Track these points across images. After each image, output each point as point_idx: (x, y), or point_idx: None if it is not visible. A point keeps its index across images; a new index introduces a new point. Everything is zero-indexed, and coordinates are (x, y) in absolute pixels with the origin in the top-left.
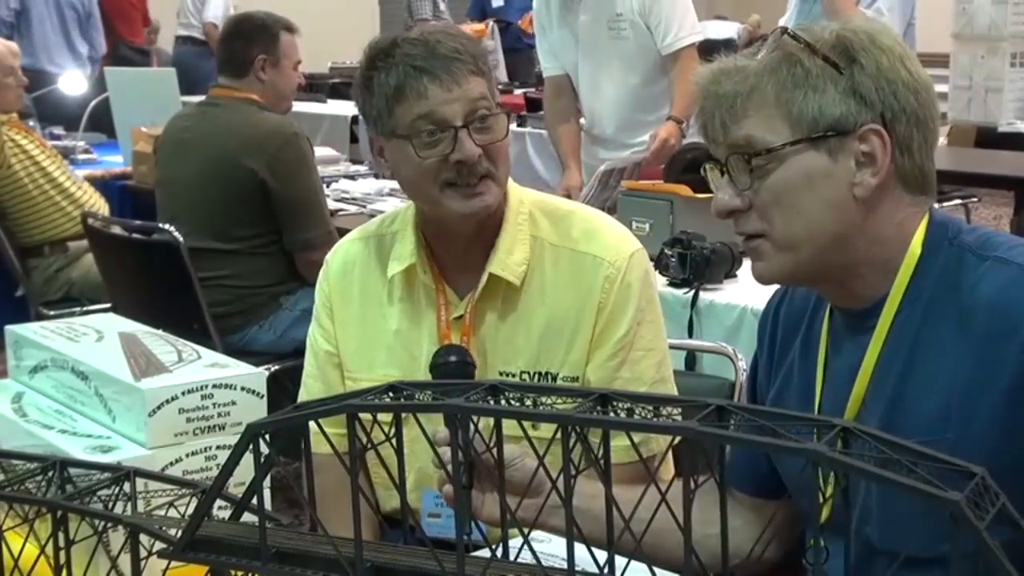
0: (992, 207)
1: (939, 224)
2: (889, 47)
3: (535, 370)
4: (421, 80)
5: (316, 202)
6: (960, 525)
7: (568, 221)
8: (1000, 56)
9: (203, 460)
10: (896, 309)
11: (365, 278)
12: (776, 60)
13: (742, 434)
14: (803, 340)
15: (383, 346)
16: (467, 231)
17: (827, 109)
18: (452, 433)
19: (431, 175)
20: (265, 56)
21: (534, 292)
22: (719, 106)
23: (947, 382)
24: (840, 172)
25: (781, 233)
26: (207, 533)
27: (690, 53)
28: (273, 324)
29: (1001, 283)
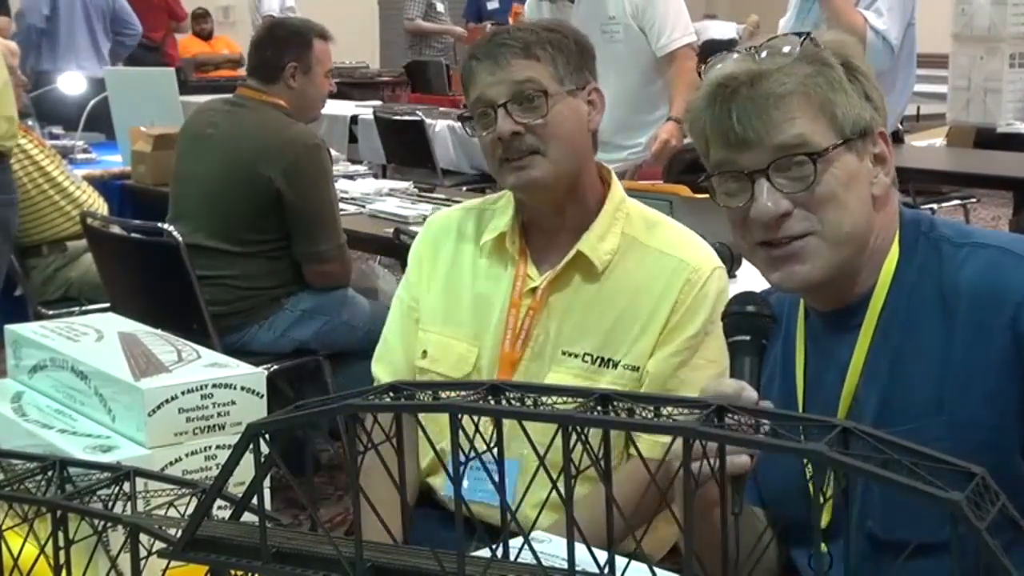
0: (991, 208)
1: (911, 221)
2: (860, 53)
3: (598, 354)
4: (474, 66)
5: (330, 214)
6: (961, 525)
7: (662, 227)
8: (999, 57)
9: (203, 460)
10: (881, 306)
11: (459, 242)
12: (812, 64)
13: (742, 434)
14: (781, 344)
15: (460, 305)
16: (550, 210)
17: (854, 113)
18: (452, 433)
19: (490, 152)
20: (296, 64)
21: (614, 282)
22: (759, 108)
23: (938, 368)
24: (864, 172)
25: (833, 230)
26: (207, 533)
27: (685, 53)
28: (273, 324)
29: (981, 265)
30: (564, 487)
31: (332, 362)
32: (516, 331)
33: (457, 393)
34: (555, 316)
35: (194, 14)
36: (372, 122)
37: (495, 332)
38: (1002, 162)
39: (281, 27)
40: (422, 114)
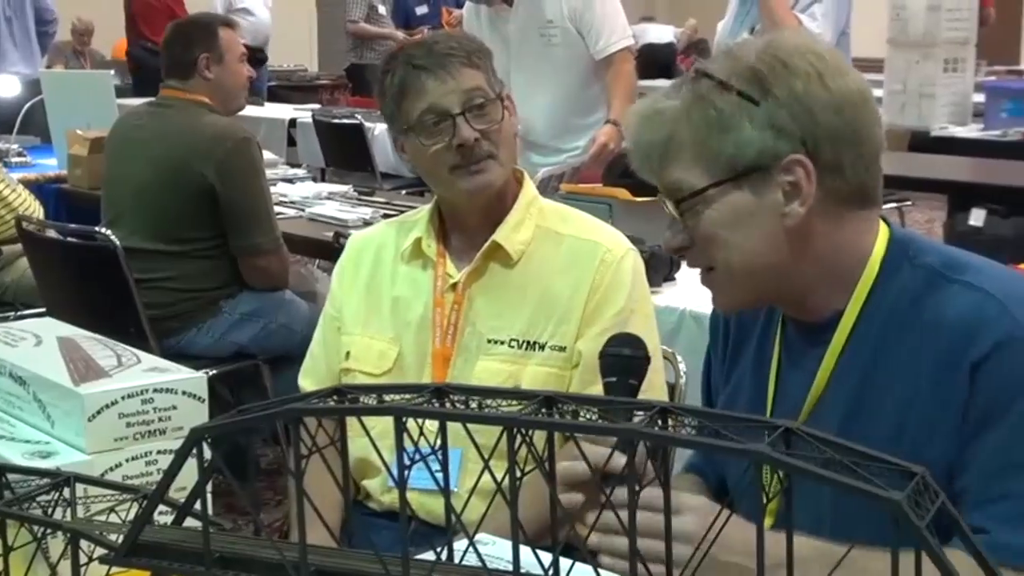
0: (925, 211)
1: (899, 242)
2: (803, 69)
3: (524, 339)
4: (419, 77)
5: (264, 208)
6: (901, 524)
7: (575, 218)
8: (934, 62)
9: (143, 465)
10: (853, 324)
11: (380, 252)
12: (688, 103)
13: (685, 435)
14: (756, 348)
15: (381, 309)
16: (480, 211)
17: (744, 148)
18: (397, 436)
19: (439, 161)
20: (207, 54)
21: (531, 269)
22: (645, 156)
23: (904, 400)
24: (767, 206)
25: (724, 268)
26: (149, 538)
27: (623, 56)
28: (212, 327)
29: (965, 306)
30: (509, 489)
31: (271, 366)
32: (444, 328)
33: (401, 396)
34: (477, 308)
35: None
36: (311, 125)
37: (416, 331)
38: (936, 165)
39: (185, 24)
40: (361, 117)
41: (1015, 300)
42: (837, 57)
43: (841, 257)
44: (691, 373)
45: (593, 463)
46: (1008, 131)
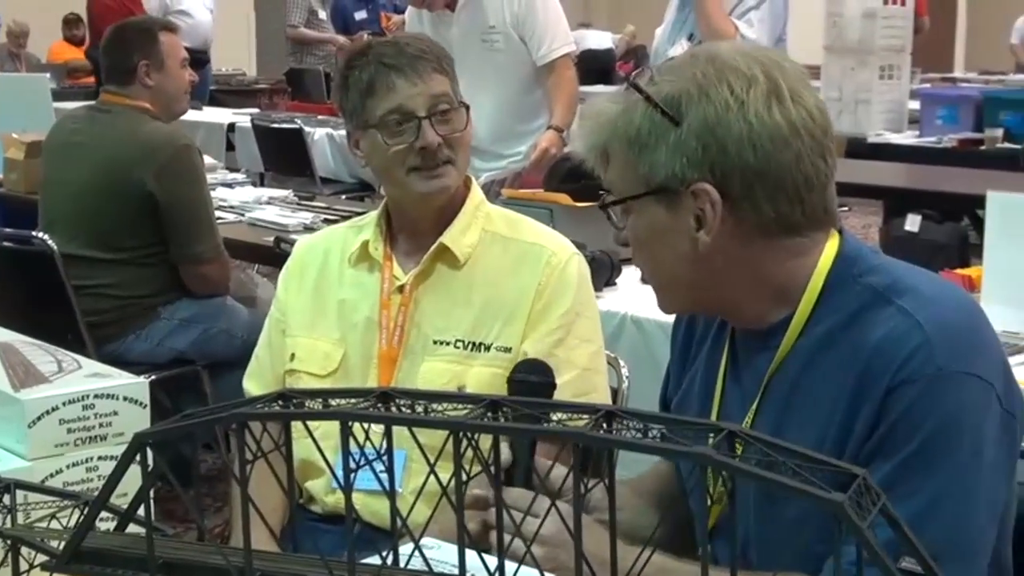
0: (862, 216)
1: (847, 259)
2: (723, 98)
3: (469, 339)
4: (390, 76)
5: (205, 215)
6: (843, 525)
7: (522, 223)
8: (869, 69)
9: (84, 471)
10: (797, 335)
11: (327, 257)
12: (616, 114)
13: (630, 439)
14: (708, 352)
15: (328, 311)
16: (429, 214)
17: (656, 168)
18: (343, 440)
19: (398, 161)
20: (148, 61)
21: (477, 272)
22: (588, 156)
23: (826, 414)
24: (681, 227)
25: (647, 274)
26: (92, 544)
27: (565, 63)
28: (150, 333)
29: (892, 331)
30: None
31: (210, 372)
32: (391, 330)
33: (347, 401)
34: (423, 309)
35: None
36: (250, 130)
37: (362, 332)
38: (872, 171)
39: (124, 28)
40: (301, 122)
41: (942, 337)
42: (791, 79)
43: (770, 279)
44: (633, 377)
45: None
46: (943, 138)
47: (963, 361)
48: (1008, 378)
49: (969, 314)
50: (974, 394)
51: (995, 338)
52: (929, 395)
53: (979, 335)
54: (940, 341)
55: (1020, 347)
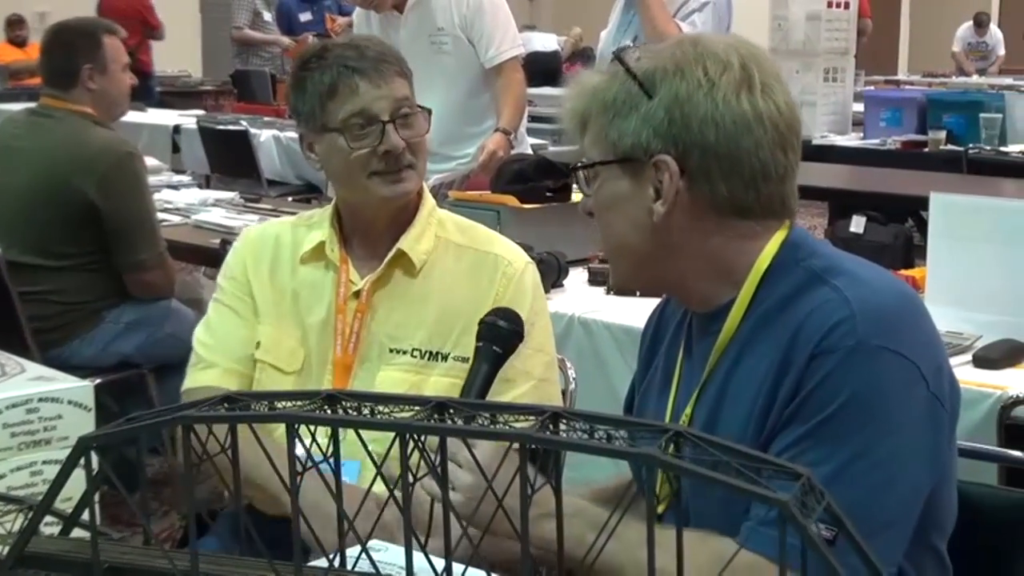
0: (807, 218)
1: (791, 244)
2: (696, 77)
3: (427, 348)
4: (353, 78)
5: (148, 223)
6: (788, 524)
7: (473, 230)
8: (814, 71)
9: (28, 476)
10: (740, 318)
11: (277, 248)
12: (599, 81)
13: (576, 440)
14: (669, 343)
15: (286, 305)
16: (385, 218)
17: (624, 136)
18: (289, 443)
19: (360, 165)
20: (91, 65)
21: (433, 280)
22: (567, 122)
23: (756, 388)
24: (640, 197)
25: (603, 244)
26: (36, 549)
27: (513, 65)
28: (95, 338)
29: (822, 307)
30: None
31: (157, 375)
32: (346, 336)
33: (293, 403)
34: (379, 316)
35: (8, 20)
36: (195, 132)
37: (319, 335)
38: (818, 173)
39: (67, 31)
40: (247, 123)
41: (866, 313)
42: (765, 74)
43: (718, 259)
44: (580, 378)
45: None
46: (887, 140)
47: (885, 337)
48: (941, 368)
49: (902, 299)
50: (894, 370)
51: (932, 329)
52: (846, 365)
53: (909, 319)
54: (864, 316)
55: (963, 347)
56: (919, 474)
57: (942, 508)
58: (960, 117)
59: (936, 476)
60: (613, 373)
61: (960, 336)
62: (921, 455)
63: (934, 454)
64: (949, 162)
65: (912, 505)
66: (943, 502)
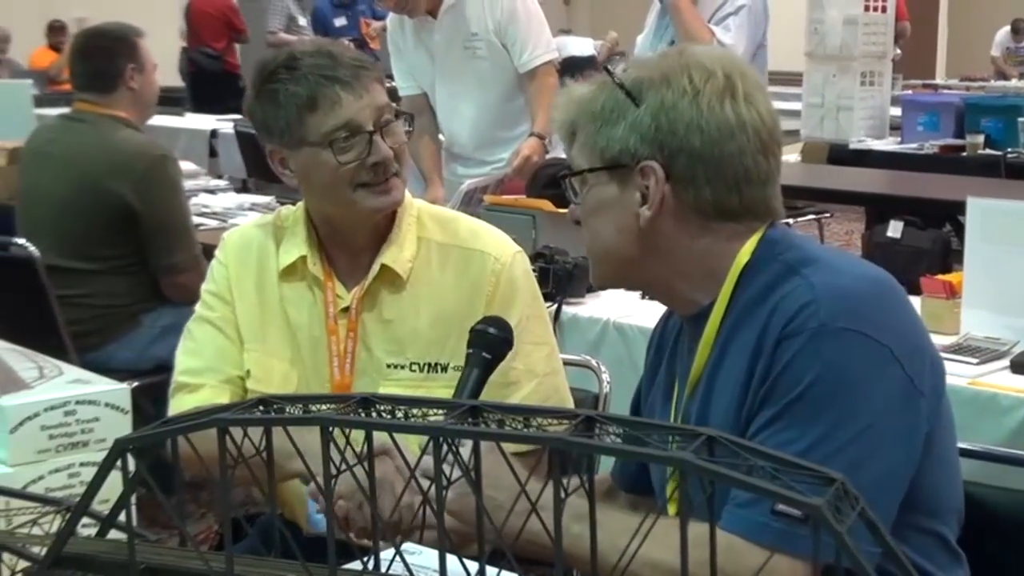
0: (844, 222)
1: (769, 241)
2: (681, 85)
3: (425, 361)
4: (334, 88)
5: (183, 225)
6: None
7: (454, 223)
8: (851, 75)
9: (66, 477)
10: (721, 317)
11: (262, 259)
12: (586, 92)
13: (610, 444)
14: (672, 349)
15: (275, 325)
16: (367, 229)
17: (612, 143)
18: (324, 446)
19: (346, 178)
20: (133, 64)
21: (421, 287)
22: (559, 133)
23: (735, 378)
24: (627, 202)
25: (588, 248)
26: (73, 550)
27: (547, 70)
28: (132, 342)
29: (791, 295)
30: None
31: None
32: (341, 356)
33: (327, 406)
34: (371, 332)
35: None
36: (233, 136)
37: (312, 355)
38: (854, 178)
39: (103, 35)
40: None
41: (830, 297)
42: (748, 84)
43: (701, 261)
44: (615, 383)
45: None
46: (924, 144)
47: (849, 319)
48: (918, 351)
49: (871, 283)
50: (861, 351)
51: (907, 313)
52: (810, 347)
53: (877, 302)
54: (827, 300)
55: (1001, 352)
56: (894, 455)
57: (936, 493)
58: (998, 121)
59: (916, 458)
60: None
61: (998, 341)
62: (896, 436)
63: (912, 436)
64: (987, 166)
65: (887, 487)
66: (936, 487)
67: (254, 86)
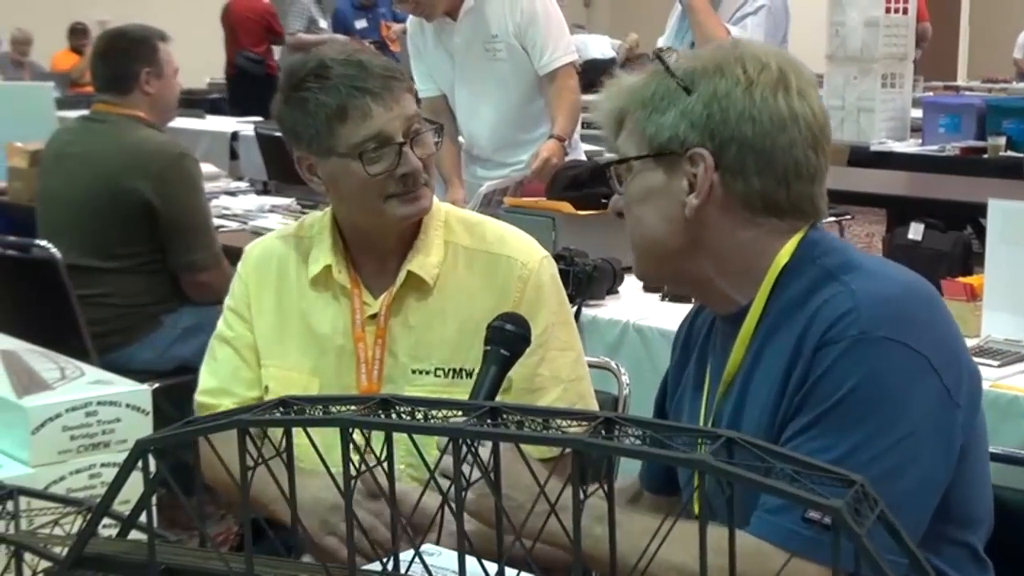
0: (865, 224)
1: (809, 242)
2: (735, 74)
3: (450, 366)
4: (364, 99)
5: (203, 223)
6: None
7: (481, 227)
8: (872, 77)
9: (87, 478)
10: (758, 318)
11: (282, 273)
12: (636, 80)
13: (629, 446)
14: (700, 348)
15: (294, 336)
16: (395, 236)
17: (662, 130)
18: (344, 447)
19: (377, 189)
20: (149, 69)
21: (448, 293)
22: (603, 122)
23: (772, 382)
24: (674, 190)
25: (630, 238)
26: (94, 551)
27: (567, 72)
28: (153, 342)
29: (831, 301)
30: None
31: None
32: (369, 363)
33: (347, 407)
34: (398, 338)
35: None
36: (253, 138)
37: (336, 363)
38: (875, 180)
39: (123, 37)
40: None
41: (871, 305)
42: (801, 79)
43: (742, 255)
44: (634, 385)
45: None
46: (945, 146)
47: (889, 328)
48: (956, 362)
49: (912, 292)
50: (899, 360)
51: (947, 323)
52: (850, 355)
53: (919, 313)
54: (868, 308)
55: (1022, 355)
56: (931, 465)
57: (969, 504)
58: (1020, 123)
59: (950, 469)
60: None
61: (1018, 344)
62: (933, 446)
63: (947, 447)
64: (1008, 168)
65: (922, 496)
66: (968, 498)
67: (283, 92)
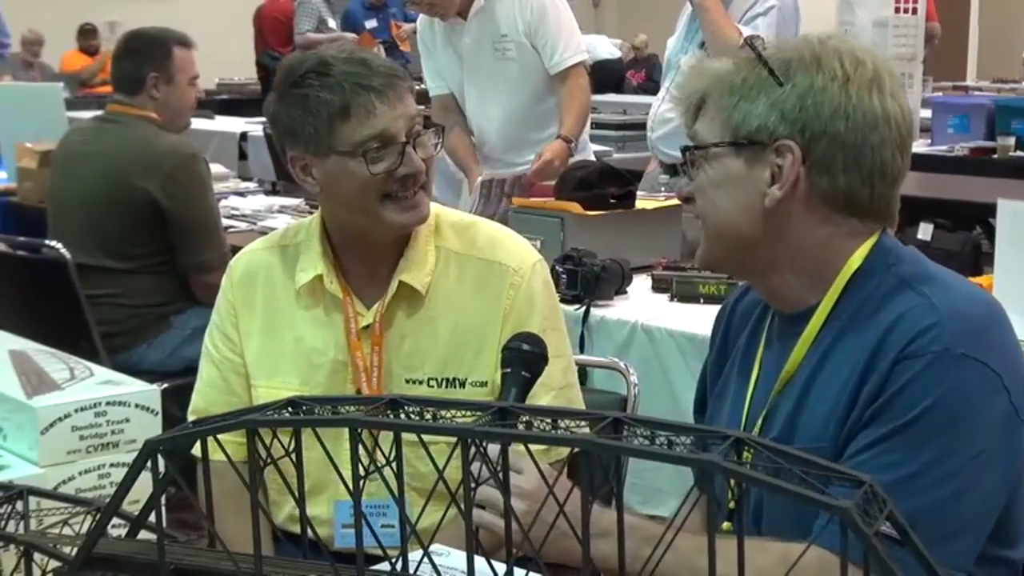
0: None
1: (883, 248)
2: (833, 69)
3: (443, 376)
4: (368, 97)
5: (212, 224)
6: (850, 532)
7: (472, 231)
8: None
9: (96, 478)
10: (824, 321)
11: (269, 286)
12: (727, 66)
13: (637, 446)
14: (747, 338)
15: (285, 353)
16: (387, 243)
17: (750, 119)
18: (352, 448)
19: (374, 189)
20: (157, 74)
21: (439, 300)
22: (682, 104)
23: (839, 389)
24: (754, 180)
25: (703, 224)
26: (104, 551)
27: (578, 71)
28: (162, 343)
29: (910, 311)
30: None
31: None
32: (368, 371)
33: (357, 408)
34: (391, 347)
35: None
36: (262, 139)
37: (329, 376)
38: None
39: (138, 38)
40: None
41: (954, 320)
42: (894, 81)
43: (816, 253)
44: (642, 386)
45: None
46: (955, 146)
47: (971, 346)
48: (1022, 382)
49: (988, 309)
50: (978, 379)
51: (1015, 341)
52: (932, 371)
53: (995, 330)
54: (951, 323)
55: None
56: (994, 485)
57: (1015, 522)
58: None
59: (1011, 487)
60: (676, 380)
61: None
62: (997, 466)
63: (1011, 465)
64: (1018, 169)
65: (984, 515)
66: (1017, 517)
67: (278, 89)
